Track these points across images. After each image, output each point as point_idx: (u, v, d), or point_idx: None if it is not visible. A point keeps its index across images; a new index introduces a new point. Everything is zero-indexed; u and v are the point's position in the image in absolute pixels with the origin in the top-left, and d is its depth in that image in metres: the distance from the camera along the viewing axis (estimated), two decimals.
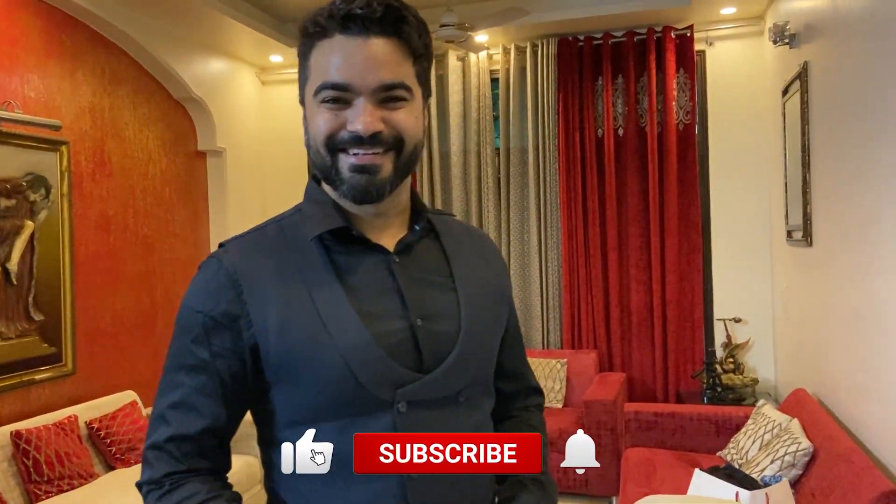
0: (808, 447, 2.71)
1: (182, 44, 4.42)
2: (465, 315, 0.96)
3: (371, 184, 0.90)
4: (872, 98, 2.44)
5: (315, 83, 0.91)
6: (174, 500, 0.89)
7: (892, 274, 2.29)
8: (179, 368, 0.93)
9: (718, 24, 4.46)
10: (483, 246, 1.08)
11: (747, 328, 4.47)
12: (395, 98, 0.90)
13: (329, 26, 0.89)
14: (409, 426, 0.89)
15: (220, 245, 0.97)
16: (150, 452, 0.92)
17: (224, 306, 0.91)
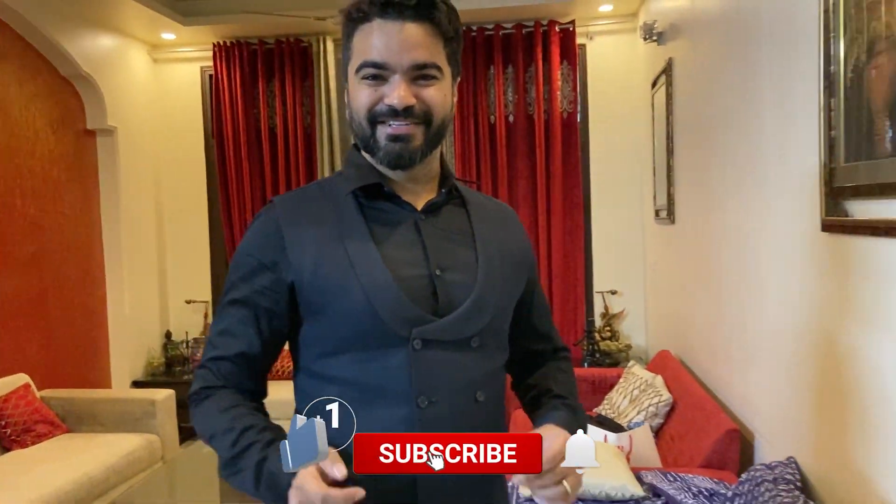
0: (669, 398, 3.10)
1: (70, 19, 4.32)
2: (481, 270, 1.08)
3: (405, 150, 1.03)
4: (719, 93, 2.81)
5: (357, 61, 1.03)
6: (205, 406, 1.06)
7: (733, 248, 2.67)
8: (228, 301, 1.09)
9: (597, 20, 4.82)
10: (505, 215, 1.22)
11: (622, 299, 4.90)
12: (426, 76, 1.02)
13: (370, 11, 1.01)
14: (423, 362, 1.01)
15: (270, 201, 1.12)
16: (197, 371, 1.10)
17: (268, 251, 1.06)
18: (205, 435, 1.06)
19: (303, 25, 4.69)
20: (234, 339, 1.07)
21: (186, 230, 5.33)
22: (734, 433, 2.46)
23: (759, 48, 2.32)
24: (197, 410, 1.08)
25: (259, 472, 0.97)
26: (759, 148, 2.33)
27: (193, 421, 1.09)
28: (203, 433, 1.07)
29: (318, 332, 1.06)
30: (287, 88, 5.02)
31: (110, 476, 3.29)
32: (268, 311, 1.07)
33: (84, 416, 3.78)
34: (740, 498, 2.02)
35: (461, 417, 1.03)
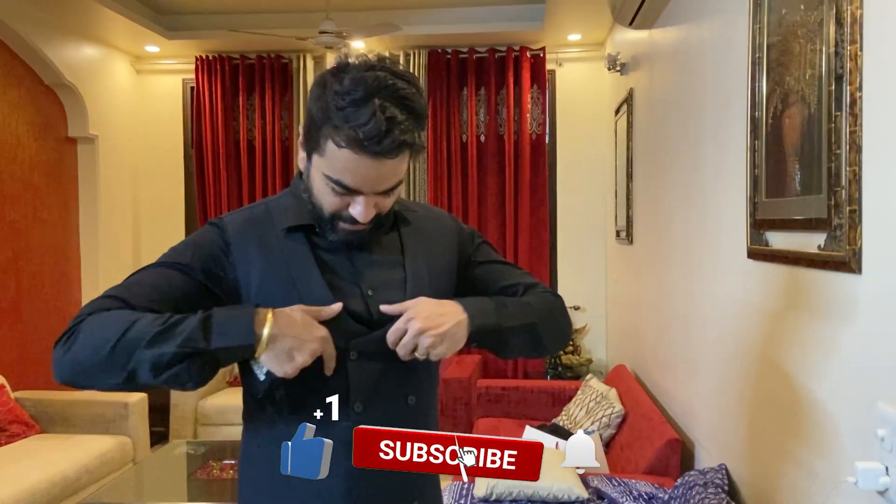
0: (621, 410, 3.28)
1: (54, 29, 4.43)
2: (409, 287, 1.18)
3: (355, 238, 1.15)
4: (670, 124, 3.02)
5: (328, 170, 1.07)
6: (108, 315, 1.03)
7: (679, 269, 2.87)
8: (160, 265, 1.14)
9: (566, 48, 5.05)
10: (441, 225, 1.30)
11: (585, 315, 5.10)
12: (388, 192, 1.12)
13: (350, 144, 1.03)
14: (359, 371, 1.12)
15: (219, 218, 1.19)
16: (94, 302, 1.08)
17: (214, 252, 1.14)
18: (107, 335, 1.00)
19: (283, 42, 4.85)
20: (140, 288, 1.10)
21: (163, 238, 5.40)
22: (675, 442, 2.65)
23: (702, 87, 2.53)
24: (79, 332, 1.02)
25: (207, 321, 1.01)
26: (700, 178, 2.54)
27: (72, 350, 1.01)
28: (102, 338, 1.00)
29: None
30: (266, 102, 5.17)
31: (83, 476, 3.38)
32: (187, 290, 1.12)
33: (57, 417, 3.86)
34: (675, 501, 2.20)
35: (394, 420, 1.06)
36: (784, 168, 1.70)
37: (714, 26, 2.42)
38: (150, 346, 0.99)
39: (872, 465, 1.24)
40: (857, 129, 1.34)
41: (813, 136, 1.53)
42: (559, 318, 1.27)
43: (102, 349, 1.00)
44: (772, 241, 1.83)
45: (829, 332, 1.51)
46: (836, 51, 1.41)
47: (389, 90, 1.04)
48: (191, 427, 4.47)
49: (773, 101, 1.77)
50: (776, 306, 1.83)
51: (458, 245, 1.31)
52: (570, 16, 4.41)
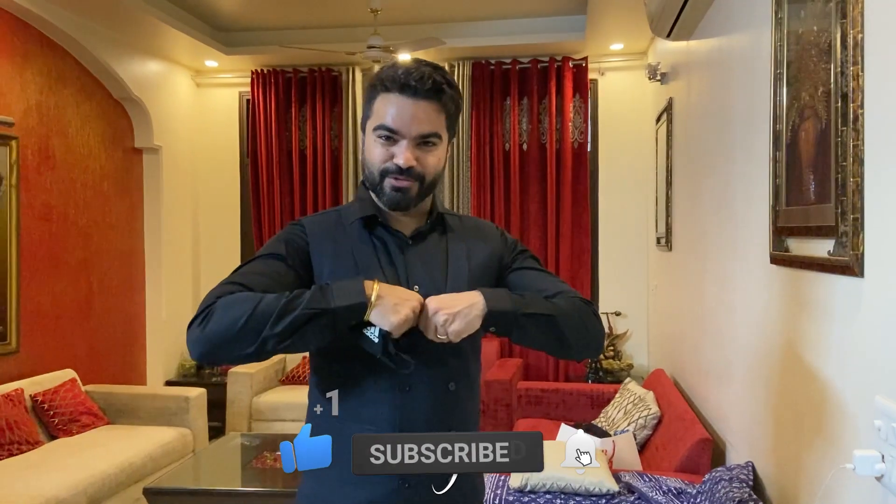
0: (657, 412, 3.37)
1: (122, 47, 4.74)
2: (449, 283, 1.34)
3: (402, 199, 1.31)
4: (706, 134, 3.11)
5: (375, 122, 1.30)
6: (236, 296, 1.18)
7: (713, 276, 2.95)
8: (264, 256, 1.32)
9: (609, 57, 5.15)
10: (483, 234, 1.45)
11: (627, 321, 5.18)
12: (427, 143, 1.30)
13: (391, 87, 1.28)
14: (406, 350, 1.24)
15: (296, 220, 1.40)
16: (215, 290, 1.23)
17: (296, 240, 1.34)
18: (240, 312, 1.15)
19: (333, 56, 5.07)
20: (259, 277, 1.27)
21: (220, 242, 5.72)
22: (707, 442, 2.74)
23: (734, 97, 2.63)
24: (214, 312, 1.17)
25: (325, 288, 1.18)
26: (731, 187, 2.63)
27: (208, 328, 1.15)
28: (237, 314, 1.15)
29: None
30: (318, 114, 5.40)
31: (147, 463, 3.64)
32: (290, 274, 1.30)
33: (124, 409, 4.14)
34: (702, 495, 2.30)
35: (435, 402, 1.29)
36: (801, 178, 1.80)
37: (742, 40, 2.52)
38: (280, 315, 1.15)
39: (869, 453, 1.34)
40: (860, 142, 1.45)
41: (824, 148, 1.63)
42: (585, 320, 1.34)
43: (236, 324, 1.15)
44: (791, 247, 1.92)
45: (837, 332, 1.61)
46: (841, 70, 1.51)
47: (425, 62, 1.31)
48: (245, 422, 4.71)
49: (792, 114, 1.88)
50: (795, 309, 1.93)
51: (500, 251, 1.46)
52: (612, 26, 4.52)
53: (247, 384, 4.72)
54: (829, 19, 1.58)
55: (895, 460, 1.28)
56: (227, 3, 4.68)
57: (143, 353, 5.15)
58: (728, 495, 2.12)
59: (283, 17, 4.93)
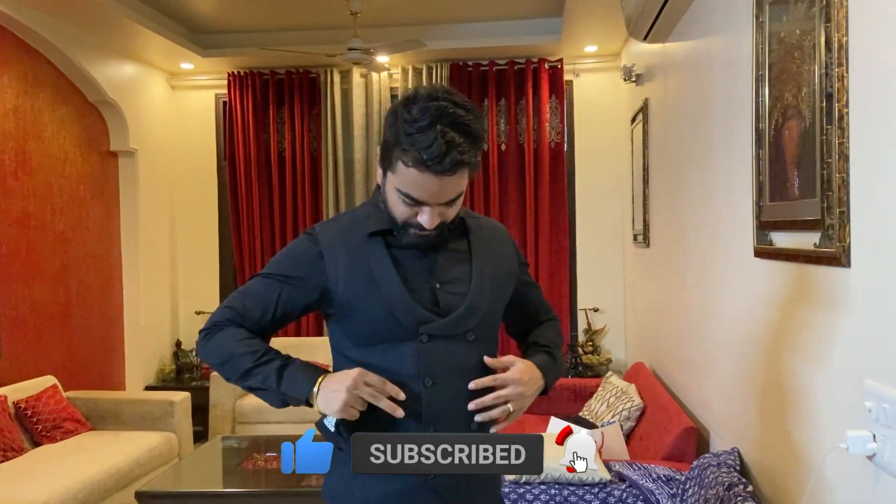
0: (640, 404, 3.47)
1: (97, 50, 4.70)
2: (474, 283, 1.39)
3: (424, 243, 1.36)
4: (684, 133, 3.21)
5: (399, 185, 1.28)
6: (219, 336, 1.37)
7: (694, 269, 3.05)
8: (260, 275, 1.42)
9: (584, 59, 5.25)
10: (496, 234, 1.52)
11: (604, 317, 5.29)
12: (450, 203, 1.32)
13: (415, 164, 1.24)
14: (428, 352, 1.33)
15: (313, 228, 1.44)
16: (214, 317, 1.40)
17: (310, 258, 1.39)
18: (221, 357, 1.36)
19: (311, 58, 5.09)
20: (254, 300, 1.40)
21: (198, 246, 5.69)
22: (692, 430, 2.84)
23: (713, 98, 2.73)
24: (210, 340, 1.37)
25: (280, 374, 1.31)
26: (712, 184, 2.73)
27: (204, 351, 1.39)
28: (218, 356, 1.36)
29: (351, 328, 1.38)
30: (296, 115, 5.41)
31: (135, 468, 3.62)
32: (288, 298, 1.39)
33: (106, 415, 4.11)
34: (690, 480, 2.39)
35: (457, 394, 1.33)
36: (785, 174, 1.89)
37: (722, 42, 2.61)
38: (243, 378, 1.35)
39: (861, 433, 1.43)
40: (845, 140, 1.53)
41: (808, 146, 1.72)
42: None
43: (218, 365, 1.38)
44: (775, 241, 2.02)
45: (824, 319, 1.70)
46: (826, 72, 1.60)
47: (450, 117, 1.23)
48: (229, 425, 4.71)
49: (775, 114, 1.97)
50: (779, 299, 2.02)
51: (515, 262, 1.55)
52: (587, 28, 4.61)
53: (230, 387, 4.71)
54: (813, 22, 1.67)
55: (886, 439, 1.36)
56: (203, 5, 4.67)
57: (122, 358, 5.10)
58: (717, 479, 2.21)
59: (260, 19, 4.93)
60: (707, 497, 2.21)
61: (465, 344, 1.37)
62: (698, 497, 2.28)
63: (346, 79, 5.39)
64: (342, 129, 5.36)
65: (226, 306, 1.41)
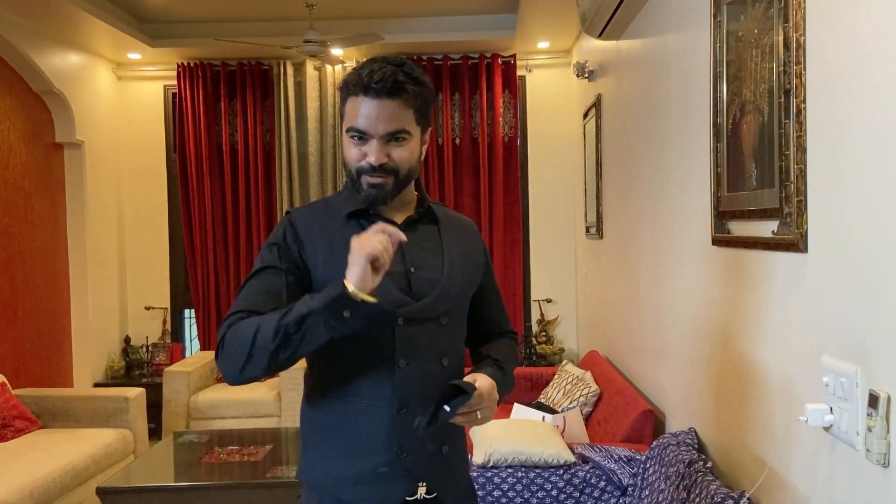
0: (597, 389, 3.58)
1: (42, 38, 4.55)
2: (445, 269, 1.44)
3: (378, 195, 1.39)
4: (637, 128, 3.33)
5: (347, 124, 1.38)
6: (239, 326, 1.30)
7: (649, 259, 3.18)
8: (259, 272, 1.40)
9: (536, 55, 5.36)
10: (466, 228, 1.58)
11: (557, 307, 5.41)
12: (397, 139, 1.36)
13: (357, 89, 1.35)
14: (405, 334, 1.37)
15: (287, 212, 1.47)
16: (230, 316, 1.35)
17: (287, 238, 1.41)
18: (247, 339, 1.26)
19: (264, 49, 5.04)
20: (263, 295, 1.37)
21: (147, 240, 5.58)
22: (648, 413, 2.96)
23: (668, 94, 2.84)
24: (231, 333, 1.30)
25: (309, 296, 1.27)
26: (667, 176, 2.85)
27: (227, 345, 1.30)
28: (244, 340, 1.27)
29: None
30: (248, 108, 5.35)
31: (90, 465, 3.55)
32: (290, 280, 1.39)
33: (57, 412, 4.01)
34: (651, 460, 2.50)
35: (429, 376, 1.39)
36: (742, 166, 2.00)
37: (678, 41, 2.73)
38: (276, 332, 1.25)
39: (819, 406, 1.54)
40: (803, 133, 1.64)
41: (766, 139, 1.83)
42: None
43: (243, 353, 1.28)
44: (733, 230, 2.13)
45: (782, 302, 1.81)
46: (784, 69, 1.71)
47: (390, 59, 1.38)
48: (183, 421, 4.64)
49: (733, 109, 2.08)
50: (736, 284, 2.14)
51: (482, 255, 1.61)
52: (540, 25, 4.71)
53: (184, 383, 4.65)
54: (772, 22, 1.78)
55: (843, 411, 1.48)
56: None
57: (69, 354, 4.97)
58: (677, 458, 2.32)
59: (212, 9, 4.85)
60: (668, 474, 2.32)
61: (439, 327, 1.43)
62: (659, 475, 2.39)
63: (300, 71, 5.35)
64: (296, 122, 5.33)
65: (233, 312, 1.36)
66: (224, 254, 5.40)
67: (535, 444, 2.65)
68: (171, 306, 5.60)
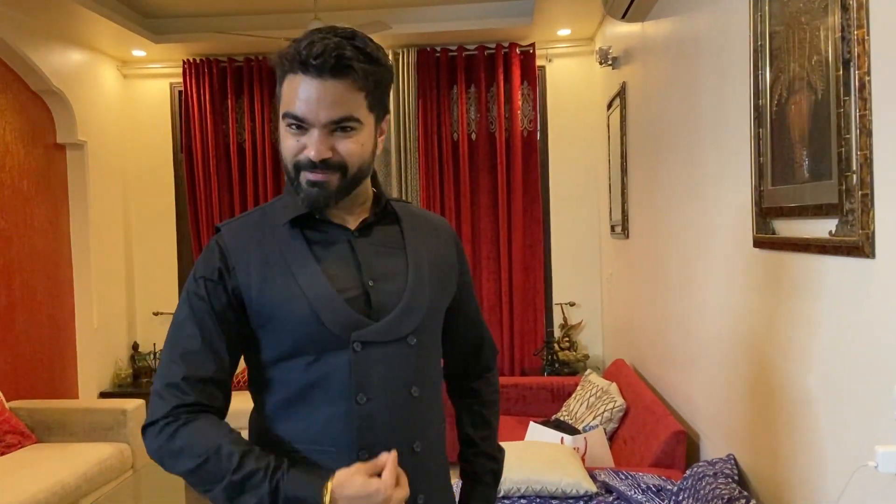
0: (623, 404, 3.29)
1: (41, 35, 4.37)
2: (411, 276, 1.20)
3: (320, 195, 1.13)
4: (666, 118, 3.03)
5: (283, 109, 1.12)
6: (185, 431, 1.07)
7: (678, 262, 2.87)
8: (187, 320, 1.14)
9: (556, 43, 5.05)
10: (437, 227, 1.33)
11: (581, 311, 5.10)
12: (344, 128, 1.10)
13: (293, 65, 1.08)
14: (362, 362, 1.12)
15: (216, 228, 1.21)
16: (165, 390, 1.10)
17: (217, 270, 1.15)
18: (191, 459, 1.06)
19: (271, 44, 4.81)
20: (201, 355, 1.12)
21: (154, 243, 5.39)
22: (681, 434, 2.65)
23: (699, 77, 2.54)
24: (174, 436, 1.08)
25: (275, 493, 1.03)
26: (700, 169, 2.54)
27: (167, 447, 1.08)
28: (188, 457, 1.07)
29: (267, 341, 1.16)
30: (256, 104, 5.13)
31: (82, 484, 3.34)
32: (226, 325, 1.15)
33: (54, 426, 3.82)
34: (684, 492, 2.20)
35: (396, 411, 1.15)
36: (791, 155, 1.70)
37: (710, 17, 2.42)
38: (225, 492, 1.05)
39: (892, 449, 1.24)
40: (867, 112, 1.35)
41: (820, 121, 1.53)
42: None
43: (187, 472, 1.08)
44: (778, 229, 1.83)
45: (841, 317, 1.51)
46: (842, 36, 1.41)
47: (338, 29, 1.11)
48: None
49: (778, 88, 1.78)
50: (781, 293, 1.84)
51: (456, 263, 1.34)
52: (560, 10, 4.40)
53: None
54: None
55: None
56: None
57: (74, 363, 4.79)
58: (714, 492, 2.03)
59: (216, 2, 4.64)
60: None
61: (406, 349, 1.17)
62: None
63: None
64: None
65: (167, 385, 1.11)
66: None
67: (552, 471, 2.37)
68: None
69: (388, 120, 1.23)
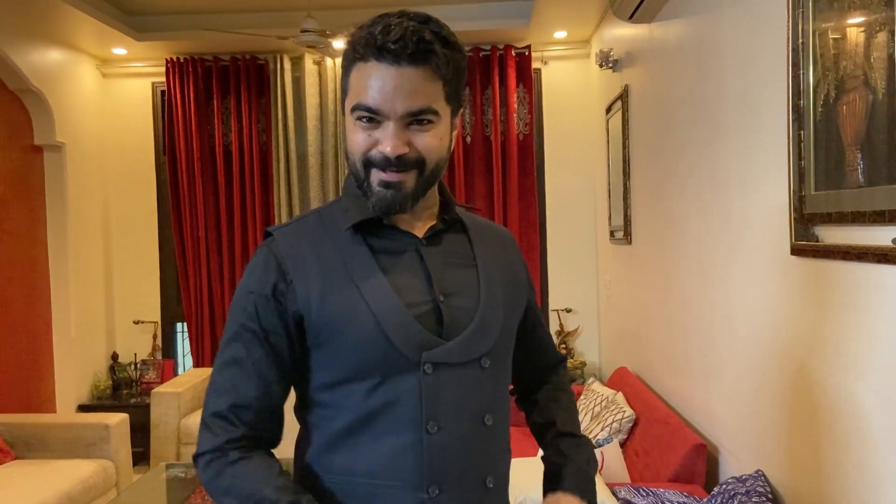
0: (632, 414, 3.19)
1: (18, 32, 4.18)
2: (483, 292, 1.09)
3: (396, 197, 1.02)
4: (678, 121, 2.94)
5: (352, 100, 1.01)
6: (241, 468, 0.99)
7: (694, 269, 2.78)
8: (236, 342, 1.04)
9: (552, 46, 4.96)
10: (505, 239, 1.23)
11: (577, 317, 5.01)
12: (421, 121, 1.00)
13: (366, 52, 0.98)
14: (433, 387, 1.01)
15: (267, 234, 1.09)
16: (212, 420, 1.02)
17: (272, 284, 1.03)
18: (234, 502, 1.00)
19: (259, 42, 4.66)
20: (252, 382, 1.03)
21: (135, 249, 5.19)
22: (701, 448, 2.56)
23: (720, 79, 2.45)
24: (220, 475, 1.01)
25: None
26: (722, 173, 2.45)
27: (214, 483, 1.01)
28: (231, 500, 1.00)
29: (326, 362, 1.04)
30: (242, 105, 4.97)
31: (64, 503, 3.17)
32: (280, 348, 1.04)
33: (33, 441, 3.62)
34: None
35: (469, 442, 1.04)
36: (842, 158, 1.61)
37: (735, 16, 2.33)
38: None
39: None
40: None
41: (880, 122, 1.44)
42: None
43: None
44: (822, 236, 1.74)
45: None
46: None
47: (409, 13, 1.01)
48: (173, 447, 4.25)
49: (823, 88, 1.69)
50: (824, 303, 1.74)
51: (524, 272, 1.25)
52: (557, 12, 4.31)
53: (174, 405, 4.25)
54: None
55: None
56: None
57: (51, 374, 4.58)
58: None
59: None
60: None
61: (479, 372, 1.06)
62: None
63: (298, 66, 4.96)
64: (294, 121, 4.94)
65: (216, 414, 1.02)
66: (218, 263, 5.01)
67: None
68: (162, 320, 5.21)
69: (461, 115, 1.12)
